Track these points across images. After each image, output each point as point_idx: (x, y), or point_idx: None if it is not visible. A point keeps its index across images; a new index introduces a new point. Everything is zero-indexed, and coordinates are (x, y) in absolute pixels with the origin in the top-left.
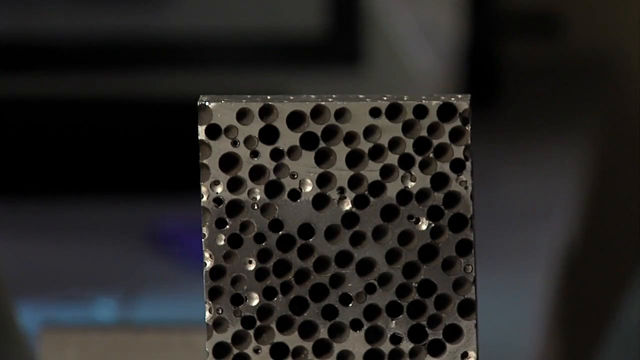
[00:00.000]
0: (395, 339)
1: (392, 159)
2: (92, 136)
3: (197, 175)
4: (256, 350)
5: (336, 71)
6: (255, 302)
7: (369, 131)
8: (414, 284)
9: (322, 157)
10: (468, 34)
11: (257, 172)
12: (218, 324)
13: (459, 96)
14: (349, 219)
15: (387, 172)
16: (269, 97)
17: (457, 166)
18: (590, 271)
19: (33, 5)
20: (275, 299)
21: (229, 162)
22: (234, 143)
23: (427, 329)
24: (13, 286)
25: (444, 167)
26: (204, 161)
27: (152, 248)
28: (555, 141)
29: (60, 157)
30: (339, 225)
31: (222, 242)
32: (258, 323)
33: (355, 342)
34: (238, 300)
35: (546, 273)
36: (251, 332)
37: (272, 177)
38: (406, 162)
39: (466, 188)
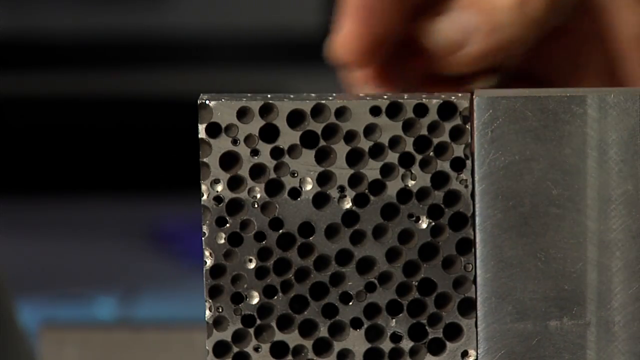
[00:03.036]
0: (396, 338)
1: (392, 157)
2: (92, 135)
3: (197, 173)
4: (256, 349)
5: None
6: (255, 300)
7: (369, 130)
8: (414, 282)
9: (323, 156)
10: None
11: (257, 171)
12: (218, 323)
13: (459, 95)
14: (349, 217)
15: (387, 170)
16: (269, 96)
17: (458, 165)
18: None
19: (33, 4)
20: (276, 297)
21: (229, 160)
22: (234, 141)
23: (427, 327)
24: (13, 284)
25: (444, 165)
26: (204, 160)
27: (152, 246)
28: None
29: (60, 155)
30: (339, 223)
31: (222, 241)
32: (258, 321)
33: (355, 341)
34: (238, 298)
35: None
36: (251, 330)
37: (273, 175)
38: (406, 160)
39: (466, 187)
